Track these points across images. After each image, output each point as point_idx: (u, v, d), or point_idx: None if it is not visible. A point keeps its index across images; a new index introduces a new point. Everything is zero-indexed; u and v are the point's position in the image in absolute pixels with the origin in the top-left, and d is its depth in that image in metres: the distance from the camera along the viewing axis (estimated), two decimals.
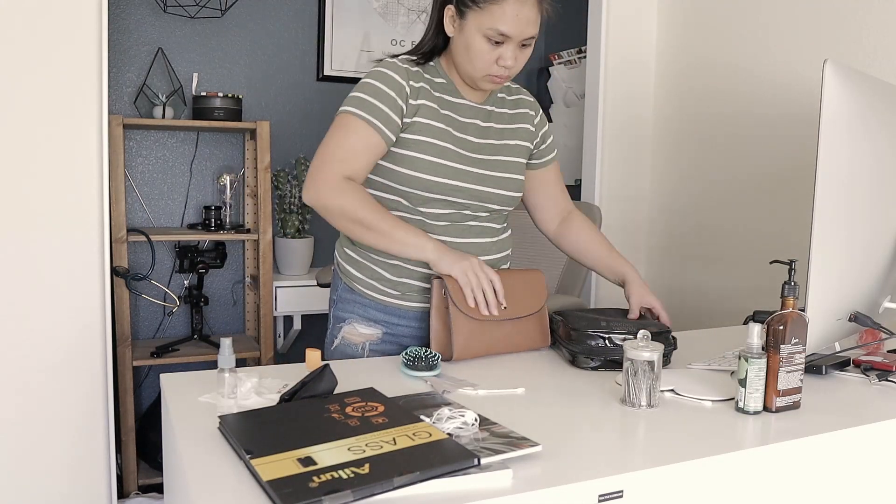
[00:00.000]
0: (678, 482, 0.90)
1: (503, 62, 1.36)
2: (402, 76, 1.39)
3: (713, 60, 2.54)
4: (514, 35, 1.33)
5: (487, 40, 1.34)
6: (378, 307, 1.48)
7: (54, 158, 1.90)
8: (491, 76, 1.39)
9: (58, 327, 1.93)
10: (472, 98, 1.48)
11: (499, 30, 1.32)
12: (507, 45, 1.35)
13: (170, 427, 1.05)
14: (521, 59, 1.39)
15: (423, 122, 1.40)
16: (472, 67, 1.38)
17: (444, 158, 1.41)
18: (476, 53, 1.36)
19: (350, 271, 1.51)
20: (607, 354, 1.30)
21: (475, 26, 1.34)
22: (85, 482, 2.00)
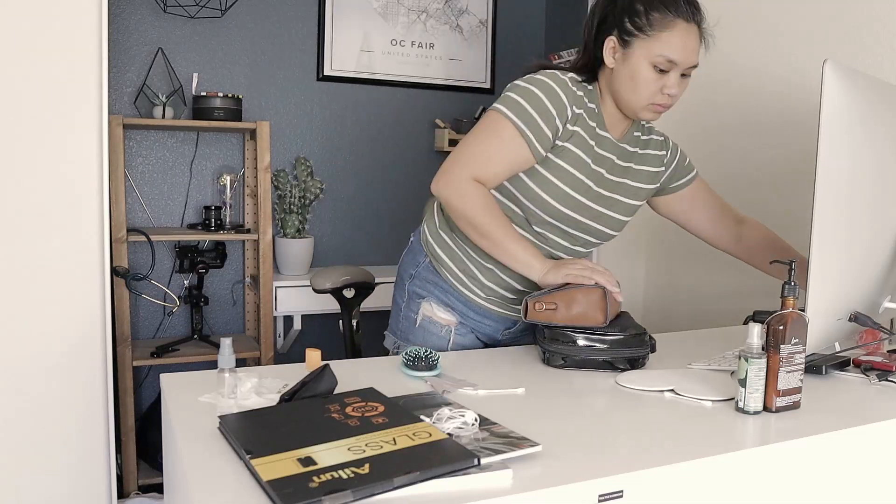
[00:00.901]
0: (678, 482, 0.90)
1: (668, 90, 1.35)
2: (569, 97, 1.38)
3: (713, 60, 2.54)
4: (682, 62, 1.34)
5: (654, 68, 1.34)
6: (458, 298, 1.51)
7: (54, 158, 1.90)
8: (654, 105, 1.38)
9: (58, 327, 1.93)
10: (614, 133, 1.47)
11: (667, 57, 1.33)
12: (673, 73, 1.35)
13: (170, 427, 1.05)
14: (683, 88, 1.39)
15: (572, 151, 1.40)
16: (637, 97, 1.37)
17: (577, 191, 1.42)
18: (642, 82, 1.35)
19: (440, 255, 1.51)
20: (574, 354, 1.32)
21: (642, 54, 1.34)
22: (85, 482, 2.00)
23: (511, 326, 1.57)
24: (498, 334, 1.57)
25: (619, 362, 1.31)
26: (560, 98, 1.36)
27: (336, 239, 3.21)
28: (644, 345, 1.32)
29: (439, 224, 1.54)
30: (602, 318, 1.32)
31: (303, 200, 2.97)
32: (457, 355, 1.41)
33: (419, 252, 1.56)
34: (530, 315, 1.35)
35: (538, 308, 1.34)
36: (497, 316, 1.53)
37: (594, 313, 1.33)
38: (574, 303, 1.33)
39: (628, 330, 1.32)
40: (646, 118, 1.43)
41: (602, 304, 1.32)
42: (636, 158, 1.52)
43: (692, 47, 1.35)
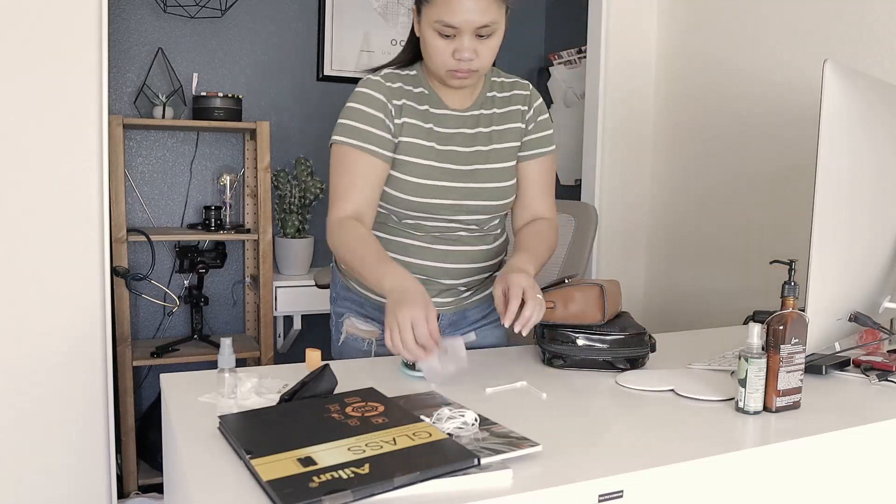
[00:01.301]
0: (678, 482, 0.90)
1: (459, 55, 1.30)
2: (385, 94, 1.38)
3: (713, 60, 2.54)
4: (462, 25, 1.27)
5: (439, 35, 1.30)
6: (373, 305, 1.49)
7: (54, 158, 1.90)
8: (452, 72, 1.33)
9: (58, 327, 1.93)
10: (457, 105, 1.44)
11: (444, 21, 1.27)
12: (461, 38, 1.29)
13: (170, 427, 1.05)
14: (484, 50, 1.32)
15: (408, 142, 1.39)
16: (433, 64, 1.35)
17: (429, 178, 1.39)
18: (432, 49, 1.32)
19: (346, 270, 1.51)
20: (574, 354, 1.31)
21: (427, 22, 1.31)
22: (85, 482, 2.00)
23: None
24: None
25: (619, 362, 1.31)
26: (377, 98, 1.37)
27: None
28: (644, 344, 1.32)
29: None
30: (600, 315, 1.32)
31: (303, 200, 2.97)
32: None
33: (335, 273, 1.57)
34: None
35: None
36: None
37: (592, 311, 1.33)
38: (572, 301, 1.33)
39: (628, 330, 1.32)
40: (453, 86, 1.38)
41: (600, 301, 1.32)
42: (496, 119, 1.46)
43: (472, 7, 1.26)
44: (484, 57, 1.33)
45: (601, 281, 1.37)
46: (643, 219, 2.86)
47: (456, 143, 1.43)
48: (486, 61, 1.34)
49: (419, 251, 1.45)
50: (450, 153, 1.42)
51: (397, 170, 1.39)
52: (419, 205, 1.40)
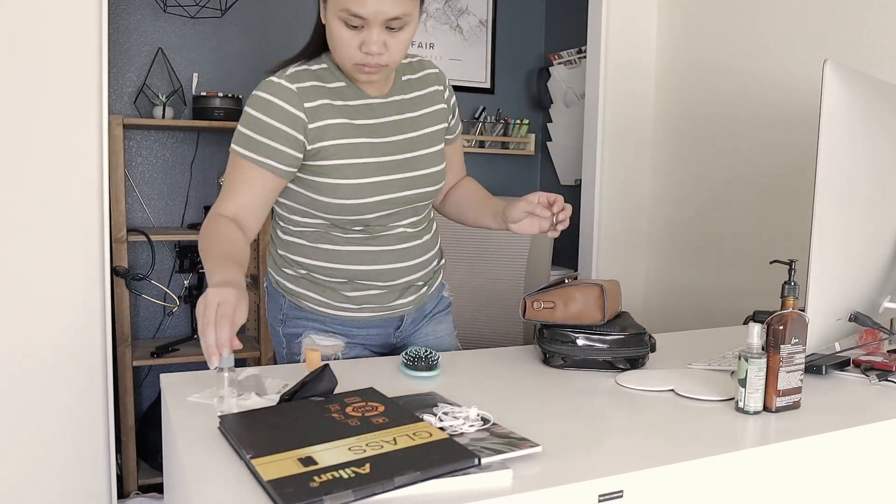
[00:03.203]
0: (678, 482, 0.90)
1: (366, 48, 1.21)
2: (293, 102, 1.25)
3: (713, 60, 2.54)
4: (371, 16, 1.18)
5: (345, 25, 1.20)
6: (334, 321, 1.42)
7: (54, 158, 1.90)
8: (359, 66, 1.24)
9: (58, 327, 1.94)
10: (377, 93, 1.34)
11: (351, 10, 1.17)
12: (369, 29, 1.19)
13: (170, 427, 1.05)
14: (395, 44, 1.22)
15: (335, 144, 1.28)
16: (338, 57, 1.25)
17: (366, 177, 1.30)
18: (337, 40, 1.22)
19: (294, 290, 1.42)
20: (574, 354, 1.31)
21: (332, 9, 1.20)
22: (85, 482, 2.00)
23: (399, 324, 1.47)
24: (391, 338, 1.47)
25: (619, 362, 1.31)
26: (282, 109, 1.25)
27: None
28: (644, 344, 1.32)
29: (278, 262, 1.44)
30: (600, 315, 1.32)
31: None
32: (454, 356, 1.41)
33: (277, 295, 1.46)
34: (529, 314, 1.35)
35: (536, 307, 1.34)
36: (379, 321, 1.43)
37: (593, 311, 1.33)
38: (572, 301, 1.33)
39: (628, 330, 1.32)
40: (360, 80, 1.29)
41: (600, 301, 1.33)
42: (418, 102, 1.40)
43: None
44: (394, 51, 1.24)
45: (601, 281, 1.37)
46: (643, 219, 2.87)
47: (384, 134, 1.34)
48: (396, 56, 1.25)
49: (374, 257, 1.38)
50: (381, 145, 1.33)
51: (329, 175, 1.29)
52: (361, 207, 1.31)
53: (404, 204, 1.36)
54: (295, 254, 1.40)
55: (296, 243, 1.40)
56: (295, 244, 1.40)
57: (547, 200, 1.34)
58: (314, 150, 1.28)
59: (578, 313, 1.33)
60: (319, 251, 1.37)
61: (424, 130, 1.40)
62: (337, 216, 1.32)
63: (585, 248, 2.82)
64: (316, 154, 1.28)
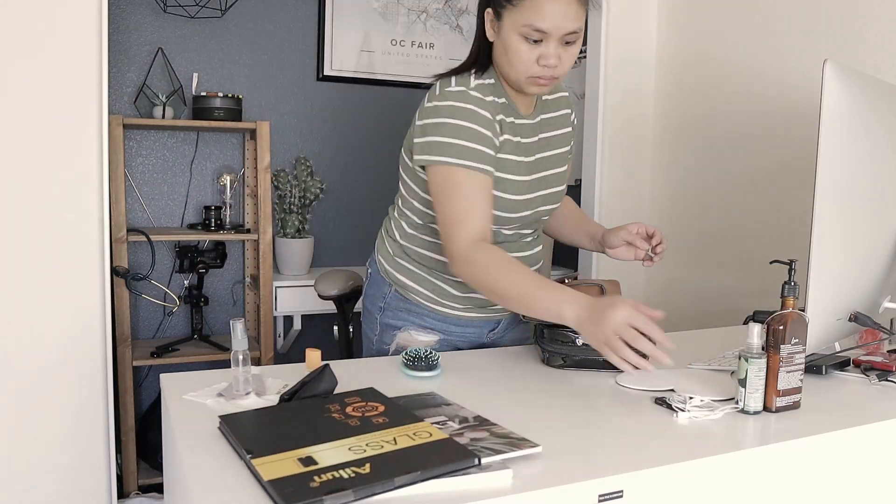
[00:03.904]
0: (678, 482, 0.90)
1: (544, 61, 1.27)
2: (491, 112, 1.32)
3: (713, 60, 2.54)
4: (552, 31, 1.24)
5: (525, 39, 1.26)
6: (437, 317, 1.47)
7: (54, 158, 1.90)
8: (533, 78, 1.30)
9: (58, 327, 1.93)
10: (525, 111, 1.41)
11: (534, 26, 1.24)
12: (548, 43, 1.26)
13: (170, 427, 1.05)
14: (567, 57, 1.29)
15: (505, 158, 1.36)
16: (514, 70, 1.30)
17: (518, 194, 1.38)
18: (514, 55, 1.28)
19: (404, 281, 1.47)
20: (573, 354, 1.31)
21: (511, 25, 1.26)
22: (85, 482, 2.00)
23: (495, 327, 1.54)
24: (483, 338, 1.53)
25: None
26: (486, 117, 1.31)
27: (336, 239, 3.21)
28: None
29: (394, 252, 1.48)
30: None
31: (303, 200, 2.97)
32: (456, 356, 1.41)
33: (382, 283, 1.51)
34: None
35: None
36: (479, 321, 1.50)
37: None
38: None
39: None
40: (532, 92, 1.35)
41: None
42: (552, 124, 1.47)
43: (562, 13, 1.23)
44: (565, 64, 1.30)
45: (601, 281, 1.37)
46: (643, 219, 2.86)
47: (532, 153, 1.41)
48: (566, 69, 1.31)
49: None
50: (528, 164, 1.40)
51: (497, 188, 1.35)
52: (502, 218, 1.38)
53: (533, 219, 1.45)
54: (417, 245, 1.45)
55: (419, 237, 1.45)
56: (422, 239, 1.45)
57: (646, 232, 1.45)
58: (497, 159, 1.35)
59: None
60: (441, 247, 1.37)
61: (555, 151, 1.47)
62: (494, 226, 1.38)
63: None
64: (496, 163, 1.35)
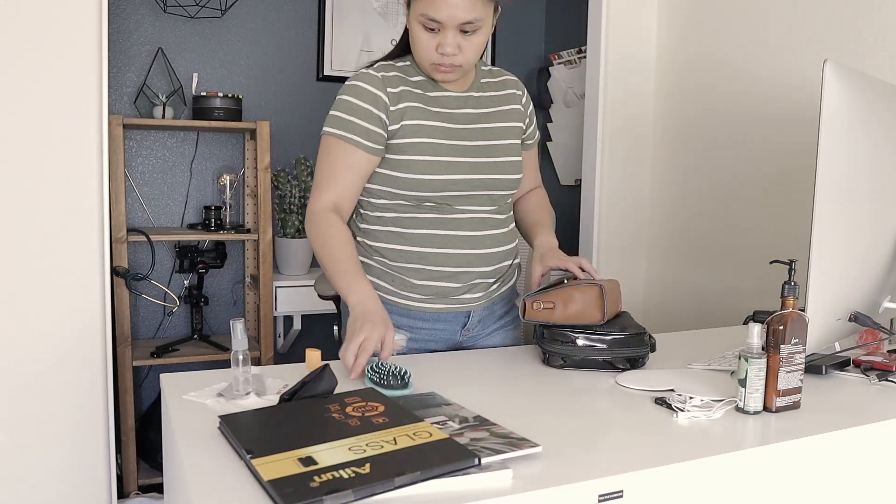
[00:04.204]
0: (678, 482, 0.90)
1: (442, 49, 1.33)
2: (377, 86, 1.39)
3: (713, 60, 2.54)
4: (446, 21, 1.30)
5: (424, 28, 1.33)
6: (400, 311, 1.47)
7: (54, 158, 1.90)
8: (436, 65, 1.37)
9: (58, 327, 1.94)
10: (455, 88, 1.46)
11: (429, 15, 1.30)
12: (445, 32, 1.32)
13: (170, 427, 1.05)
14: (468, 46, 1.34)
15: (412, 124, 1.40)
16: (419, 57, 1.38)
17: (438, 155, 1.40)
18: (417, 42, 1.36)
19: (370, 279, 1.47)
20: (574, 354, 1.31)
21: (413, 14, 1.34)
22: (85, 482, 2.00)
23: (465, 321, 1.50)
24: (457, 336, 1.51)
25: (618, 362, 1.31)
26: (369, 91, 1.38)
27: None
28: (644, 344, 1.32)
29: (359, 252, 1.50)
30: (600, 315, 1.32)
31: (303, 200, 2.97)
32: (456, 356, 1.41)
33: None
34: (528, 315, 1.35)
35: (536, 307, 1.34)
36: (445, 314, 1.48)
37: (592, 311, 1.33)
38: (572, 301, 1.33)
39: (628, 329, 1.32)
40: (437, 79, 1.42)
41: (600, 301, 1.32)
42: (495, 100, 1.51)
43: (455, 3, 1.28)
44: (467, 53, 1.35)
45: (601, 280, 1.37)
46: (643, 219, 2.87)
47: (459, 122, 1.45)
48: (469, 57, 1.36)
49: (445, 240, 1.43)
50: (456, 130, 1.43)
51: (406, 153, 1.39)
52: (434, 182, 1.40)
53: (480, 188, 1.44)
54: (372, 240, 1.47)
55: (373, 230, 1.47)
56: (372, 231, 1.48)
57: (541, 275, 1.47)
58: (394, 129, 1.40)
59: (578, 313, 1.33)
60: (394, 235, 1.45)
61: (499, 124, 1.49)
62: (411, 192, 1.41)
63: (585, 248, 2.82)
64: (395, 133, 1.40)
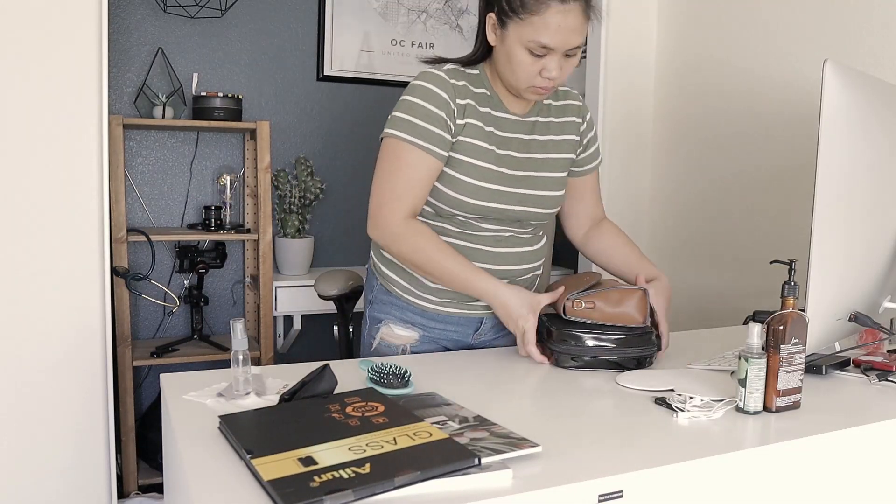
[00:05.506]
0: (678, 482, 0.90)
1: (547, 74, 1.31)
2: (449, 93, 1.35)
3: (713, 60, 2.54)
4: (557, 46, 1.28)
5: (529, 52, 1.29)
6: (415, 311, 1.48)
7: (54, 158, 1.90)
8: (535, 87, 1.34)
9: (58, 327, 1.93)
10: (516, 110, 1.44)
11: (541, 42, 1.27)
12: (551, 57, 1.30)
13: (170, 427, 1.05)
14: (567, 68, 1.33)
15: (468, 142, 1.38)
16: (515, 79, 1.34)
17: (485, 181, 1.39)
18: (518, 66, 1.31)
19: (387, 273, 1.50)
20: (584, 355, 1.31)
21: (516, 38, 1.29)
22: (85, 482, 2.00)
23: (478, 327, 1.52)
24: (468, 339, 1.52)
25: (626, 362, 1.31)
26: (440, 96, 1.35)
27: (336, 239, 3.21)
28: (651, 343, 1.33)
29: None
30: (640, 318, 1.33)
31: (303, 200, 2.97)
32: (456, 355, 1.41)
33: (372, 276, 1.55)
34: (569, 312, 1.35)
35: (577, 307, 1.34)
36: (459, 318, 1.49)
37: (633, 313, 1.33)
38: (613, 302, 1.33)
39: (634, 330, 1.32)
40: (530, 99, 1.40)
41: (642, 304, 1.33)
42: (552, 128, 1.48)
43: (569, 29, 1.26)
44: (565, 74, 1.34)
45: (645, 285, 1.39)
46: (643, 219, 2.86)
47: (512, 148, 1.42)
48: (565, 77, 1.35)
49: (469, 253, 1.43)
50: (506, 158, 1.41)
51: (454, 169, 1.38)
52: (473, 206, 1.40)
53: (516, 218, 1.44)
54: None
55: None
56: None
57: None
58: (454, 142, 1.38)
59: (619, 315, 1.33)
60: None
61: (550, 155, 1.47)
62: (449, 207, 1.40)
63: None
64: (454, 146, 1.38)
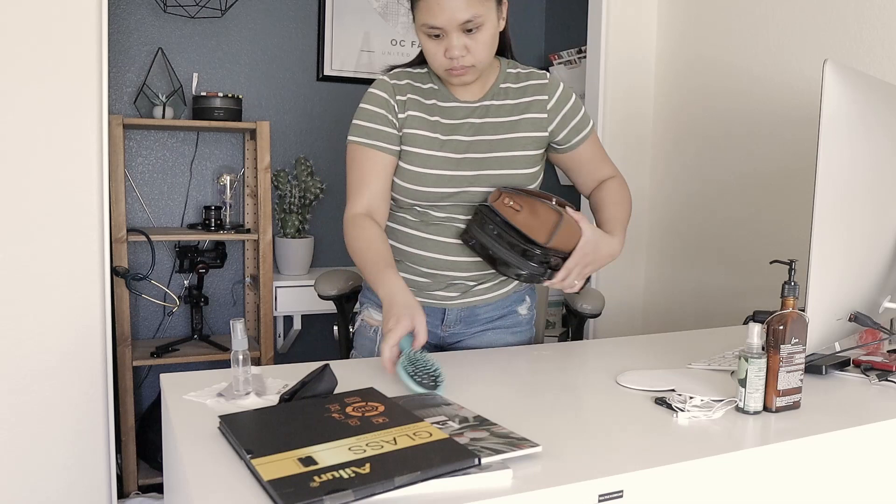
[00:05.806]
0: (678, 482, 0.90)
1: (450, 53, 1.32)
2: (388, 92, 1.43)
3: (713, 60, 2.54)
4: (445, 25, 1.29)
5: (429, 37, 1.33)
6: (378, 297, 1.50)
7: (54, 158, 1.90)
8: (448, 71, 1.37)
9: (58, 327, 1.93)
10: (467, 97, 1.46)
11: (429, 24, 1.30)
12: (448, 37, 1.31)
13: (170, 427, 1.05)
14: (476, 45, 1.33)
15: (411, 133, 1.44)
16: (433, 67, 1.39)
17: (428, 167, 1.43)
18: (427, 53, 1.37)
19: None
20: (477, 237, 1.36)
21: (418, 26, 1.35)
22: (85, 482, 2.00)
23: (442, 317, 1.53)
24: (437, 329, 1.53)
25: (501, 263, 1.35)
26: (381, 97, 1.43)
27: (336, 239, 3.21)
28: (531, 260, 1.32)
29: None
30: (544, 238, 1.32)
31: (303, 200, 2.97)
32: (456, 355, 1.41)
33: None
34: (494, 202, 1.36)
35: (506, 202, 1.35)
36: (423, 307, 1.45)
37: (540, 229, 1.33)
38: (534, 214, 1.34)
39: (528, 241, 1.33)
40: (454, 83, 1.42)
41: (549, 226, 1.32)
42: (507, 110, 1.46)
43: (450, 5, 1.27)
44: (477, 51, 1.34)
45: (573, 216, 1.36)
46: (643, 219, 2.86)
47: (462, 133, 1.45)
48: (480, 55, 1.35)
49: (423, 242, 1.48)
50: (452, 142, 1.44)
51: (402, 160, 1.44)
52: (422, 193, 1.44)
53: (469, 200, 1.45)
54: None
55: None
56: None
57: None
58: (402, 135, 1.44)
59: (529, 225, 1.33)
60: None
61: (508, 135, 1.46)
62: (402, 197, 1.46)
63: None
64: (402, 140, 1.45)
